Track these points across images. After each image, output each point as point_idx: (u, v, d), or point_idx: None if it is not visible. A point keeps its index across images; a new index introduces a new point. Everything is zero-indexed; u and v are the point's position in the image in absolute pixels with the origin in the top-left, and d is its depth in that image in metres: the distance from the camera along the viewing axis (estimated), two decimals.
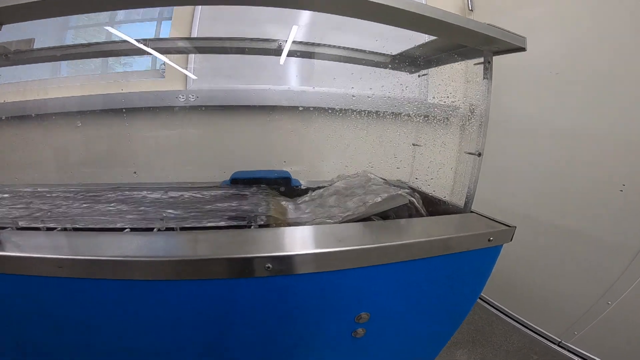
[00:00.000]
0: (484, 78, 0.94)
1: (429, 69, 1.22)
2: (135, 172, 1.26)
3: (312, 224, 0.88)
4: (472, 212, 0.97)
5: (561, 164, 1.50)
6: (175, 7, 1.48)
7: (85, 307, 0.65)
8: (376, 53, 1.25)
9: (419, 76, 1.26)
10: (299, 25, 1.43)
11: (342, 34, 1.30)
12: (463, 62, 1.05)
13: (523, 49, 0.88)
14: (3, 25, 0.73)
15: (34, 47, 1.22)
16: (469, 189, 0.96)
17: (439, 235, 0.78)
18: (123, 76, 1.49)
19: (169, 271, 0.62)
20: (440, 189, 1.14)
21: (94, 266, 0.61)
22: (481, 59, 0.95)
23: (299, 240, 0.73)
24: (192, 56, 1.50)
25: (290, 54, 1.31)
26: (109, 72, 1.50)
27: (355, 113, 1.38)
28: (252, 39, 1.30)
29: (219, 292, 0.66)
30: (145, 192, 1.09)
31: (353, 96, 1.41)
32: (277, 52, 1.31)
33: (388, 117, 1.35)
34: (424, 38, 1.09)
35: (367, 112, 1.38)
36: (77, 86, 1.41)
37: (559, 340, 1.55)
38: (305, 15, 1.48)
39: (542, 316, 1.63)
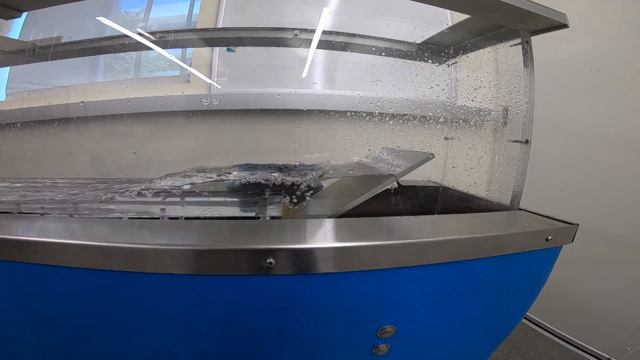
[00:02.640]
0: (524, 59, 0.85)
1: (459, 57, 1.12)
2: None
3: (331, 217, 0.76)
4: (520, 209, 0.84)
5: (605, 167, 1.39)
6: None
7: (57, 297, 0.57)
8: (400, 42, 1.18)
9: (448, 65, 1.15)
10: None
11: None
12: (498, 45, 0.96)
13: (565, 26, 0.79)
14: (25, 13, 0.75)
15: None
16: (516, 183, 0.85)
17: (486, 232, 0.63)
18: (152, 81, 1.52)
19: (144, 261, 0.53)
20: (477, 187, 1.01)
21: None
22: (518, 40, 0.86)
23: (313, 233, 0.61)
24: (215, 61, 1.52)
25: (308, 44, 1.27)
26: (139, 77, 1.54)
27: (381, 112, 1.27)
28: (268, 29, 1.27)
29: (205, 291, 0.55)
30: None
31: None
32: (296, 43, 1.25)
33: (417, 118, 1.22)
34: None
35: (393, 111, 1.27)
36: (110, 90, 1.45)
37: (608, 357, 1.40)
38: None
39: (588, 330, 1.47)
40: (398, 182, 0.82)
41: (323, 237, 0.59)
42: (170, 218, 0.80)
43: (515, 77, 0.87)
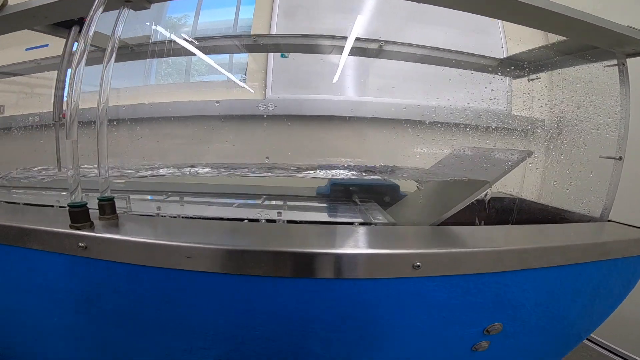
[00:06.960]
0: (620, 79, 0.89)
1: (542, 73, 1.15)
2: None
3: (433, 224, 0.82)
4: (609, 221, 0.90)
5: None
6: None
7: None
8: (480, 56, 1.20)
9: (529, 81, 1.19)
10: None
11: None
12: (592, 64, 0.99)
13: None
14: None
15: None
16: (608, 196, 0.90)
17: (583, 240, 0.72)
18: (208, 86, 1.61)
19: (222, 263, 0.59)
20: (568, 200, 1.06)
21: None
22: (612, 61, 0.90)
23: (436, 238, 0.69)
24: (270, 66, 1.58)
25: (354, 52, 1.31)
26: (194, 81, 1.63)
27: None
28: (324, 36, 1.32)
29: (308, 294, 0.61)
30: None
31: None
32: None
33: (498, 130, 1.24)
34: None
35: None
36: (165, 93, 1.54)
37: None
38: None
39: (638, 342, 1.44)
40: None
41: (453, 242, 0.68)
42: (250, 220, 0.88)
43: (611, 95, 0.90)
